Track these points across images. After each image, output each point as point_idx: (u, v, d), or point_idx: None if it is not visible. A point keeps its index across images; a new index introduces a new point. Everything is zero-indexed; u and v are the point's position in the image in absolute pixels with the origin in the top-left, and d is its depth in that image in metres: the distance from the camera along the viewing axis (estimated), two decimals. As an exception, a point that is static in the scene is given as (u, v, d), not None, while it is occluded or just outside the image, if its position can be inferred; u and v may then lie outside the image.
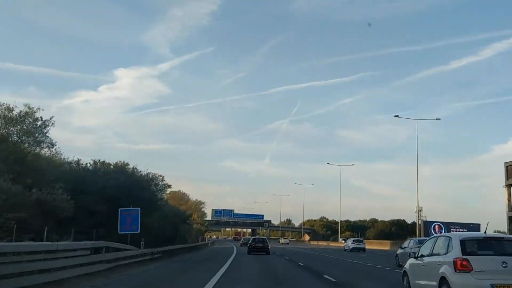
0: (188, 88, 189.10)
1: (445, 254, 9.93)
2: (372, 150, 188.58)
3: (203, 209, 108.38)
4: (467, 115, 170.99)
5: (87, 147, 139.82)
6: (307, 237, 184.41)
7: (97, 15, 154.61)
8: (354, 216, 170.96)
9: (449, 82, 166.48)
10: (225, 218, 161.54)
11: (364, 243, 58.63)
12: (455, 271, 9.25)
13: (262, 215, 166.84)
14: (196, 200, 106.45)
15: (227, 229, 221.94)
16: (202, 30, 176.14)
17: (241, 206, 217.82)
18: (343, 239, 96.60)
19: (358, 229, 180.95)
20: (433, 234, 44.00)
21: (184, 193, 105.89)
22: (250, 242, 42.43)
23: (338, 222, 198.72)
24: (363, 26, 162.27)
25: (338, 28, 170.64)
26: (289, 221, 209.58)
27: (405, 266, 12.37)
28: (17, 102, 37.74)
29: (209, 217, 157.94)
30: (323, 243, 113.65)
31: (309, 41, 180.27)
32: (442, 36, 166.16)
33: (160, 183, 39.30)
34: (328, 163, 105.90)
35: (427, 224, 74.09)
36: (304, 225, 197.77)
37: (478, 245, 9.85)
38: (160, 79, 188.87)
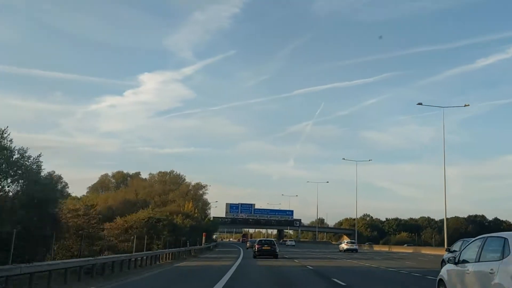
0: (211, 92, 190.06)
1: (500, 259, 7.97)
2: (397, 151, 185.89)
3: (203, 195, 73.28)
4: (494, 115, 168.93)
5: (112, 152, 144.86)
6: (346, 240, 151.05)
7: (121, 21, 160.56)
8: (378, 215, 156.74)
9: (475, 81, 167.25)
10: (243, 215, 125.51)
11: (357, 245, 64.45)
12: None
13: (291, 211, 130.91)
14: (197, 183, 71.50)
15: (248, 230, 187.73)
16: (224, 34, 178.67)
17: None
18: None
19: (412, 229, 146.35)
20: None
21: (179, 174, 71.18)
22: (256, 244, 37.50)
23: (385, 221, 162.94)
24: (385, 26, 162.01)
25: (360, 28, 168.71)
26: (321, 220, 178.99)
27: (441, 273, 10.34)
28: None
29: (222, 214, 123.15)
30: (402, 250, 74.66)
31: (331, 42, 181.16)
32: (467, 35, 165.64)
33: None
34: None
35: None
36: (341, 225, 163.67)
37: None
38: (184, 83, 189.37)
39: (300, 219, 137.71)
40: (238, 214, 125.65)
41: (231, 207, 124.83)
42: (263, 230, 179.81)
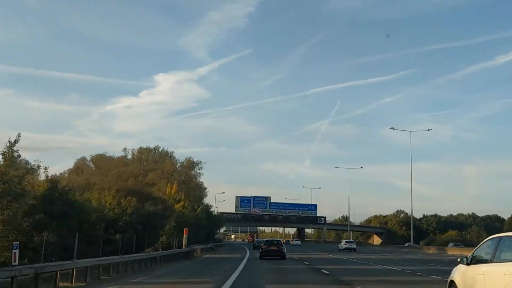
0: (226, 91, 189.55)
1: None
2: (414, 149, 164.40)
3: (198, 177, 52.32)
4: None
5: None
6: (376, 239, 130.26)
7: (136, 23, 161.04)
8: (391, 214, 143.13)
9: (493, 78, 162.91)
10: (257, 210, 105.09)
11: (355, 244, 64.66)
12: None
13: (315, 205, 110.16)
14: (187, 159, 50.31)
15: (264, 229, 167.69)
16: (239, 33, 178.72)
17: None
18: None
19: (454, 227, 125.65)
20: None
21: (166, 151, 50.90)
22: (262, 245, 35.66)
23: (422, 218, 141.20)
24: (401, 23, 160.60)
25: (376, 26, 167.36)
26: (345, 218, 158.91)
27: (452, 274, 9.95)
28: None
29: (231, 209, 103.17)
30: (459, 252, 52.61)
31: (347, 40, 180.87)
32: (486, 31, 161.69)
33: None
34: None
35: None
36: (370, 222, 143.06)
37: None
38: (199, 83, 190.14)
39: (325, 216, 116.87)
40: (251, 209, 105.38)
41: (241, 201, 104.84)
42: (280, 229, 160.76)
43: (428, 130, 61.76)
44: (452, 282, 9.69)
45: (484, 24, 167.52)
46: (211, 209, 70.94)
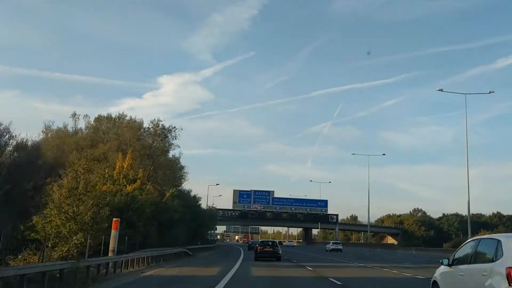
0: (230, 93, 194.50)
1: (493, 261, 8.02)
2: (416, 151, 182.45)
3: (171, 150, 38.40)
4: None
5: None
6: (390, 241, 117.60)
7: (140, 24, 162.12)
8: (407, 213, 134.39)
9: (496, 81, 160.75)
10: (257, 206, 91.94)
11: (341, 245, 66.09)
12: (510, 284, 7.36)
13: (325, 201, 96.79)
14: (154, 123, 35.69)
15: (264, 228, 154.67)
16: (243, 35, 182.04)
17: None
18: None
19: (481, 226, 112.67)
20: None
21: (134, 119, 37.38)
22: (258, 246, 35.07)
23: (442, 217, 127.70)
24: (404, 25, 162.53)
25: (379, 28, 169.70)
26: (354, 217, 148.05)
27: (435, 275, 10.29)
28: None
29: (228, 205, 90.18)
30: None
31: (350, 42, 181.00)
32: (487, 34, 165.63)
33: None
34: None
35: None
36: (383, 222, 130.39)
37: None
38: (203, 85, 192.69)
39: (337, 214, 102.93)
40: (251, 205, 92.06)
41: (240, 196, 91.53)
42: (283, 230, 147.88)
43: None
44: (434, 282, 10.08)
45: (486, 28, 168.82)
46: (199, 202, 57.92)
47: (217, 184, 77.62)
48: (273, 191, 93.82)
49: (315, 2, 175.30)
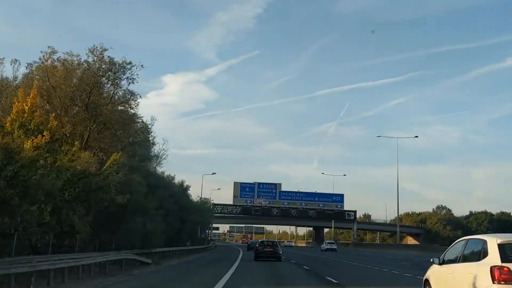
0: (234, 93, 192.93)
1: (479, 260, 8.38)
2: (423, 152, 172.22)
3: (127, 98, 25.98)
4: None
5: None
6: (410, 241, 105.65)
7: (144, 23, 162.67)
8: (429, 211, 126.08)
9: (504, 80, 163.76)
10: (262, 200, 79.78)
11: (336, 245, 66.05)
12: (493, 282, 7.67)
13: (341, 196, 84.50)
14: (99, 48, 23.37)
15: (269, 228, 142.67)
16: (247, 34, 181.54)
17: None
18: None
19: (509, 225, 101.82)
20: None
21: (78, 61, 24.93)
22: (257, 246, 35.47)
23: (470, 216, 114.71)
24: (410, 24, 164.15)
25: (384, 27, 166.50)
26: (367, 216, 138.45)
27: (427, 273, 10.64)
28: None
29: (228, 200, 78.27)
30: None
31: (355, 41, 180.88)
32: (495, 33, 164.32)
33: None
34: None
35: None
36: (401, 221, 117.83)
37: None
38: (207, 84, 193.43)
39: (355, 210, 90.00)
40: (254, 199, 79.83)
41: (242, 189, 79.42)
42: (289, 230, 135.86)
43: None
44: (426, 280, 10.37)
45: (494, 26, 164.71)
46: (188, 191, 46.06)
47: (213, 173, 65.75)
48: (280, 184, 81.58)
49: (321, 1, 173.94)
